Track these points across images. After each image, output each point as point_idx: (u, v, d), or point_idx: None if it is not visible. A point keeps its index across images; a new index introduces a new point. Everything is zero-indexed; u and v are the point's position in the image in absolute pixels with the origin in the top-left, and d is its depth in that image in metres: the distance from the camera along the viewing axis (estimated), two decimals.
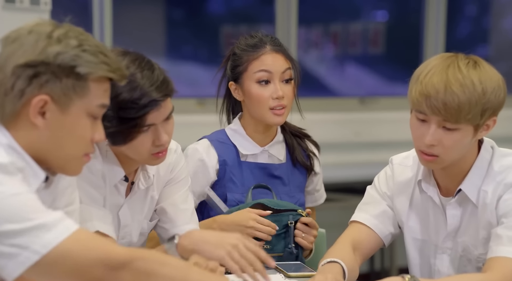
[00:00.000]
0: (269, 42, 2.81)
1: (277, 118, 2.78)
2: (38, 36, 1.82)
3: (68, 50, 1.81)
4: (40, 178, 1.86)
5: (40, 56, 1.80)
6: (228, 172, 2.82)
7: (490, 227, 2.29)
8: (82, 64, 1.81)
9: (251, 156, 2.86)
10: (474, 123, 2.21)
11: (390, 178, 2.49)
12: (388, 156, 2.54)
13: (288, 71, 2.80)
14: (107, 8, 5.12)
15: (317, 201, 3.01)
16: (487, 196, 2.30)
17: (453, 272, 2.39)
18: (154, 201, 2.51)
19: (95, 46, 1.85)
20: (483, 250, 2.31)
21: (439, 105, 2.18)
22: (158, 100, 2.21)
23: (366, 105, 6.03)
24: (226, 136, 2.87)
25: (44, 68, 1.80)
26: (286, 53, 2.82)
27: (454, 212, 2.36)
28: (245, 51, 2.81)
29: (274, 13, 5.77)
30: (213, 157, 2.82)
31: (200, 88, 5.66)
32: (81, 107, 1.84)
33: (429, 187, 2.39)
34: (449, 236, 2.38)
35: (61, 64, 1.80)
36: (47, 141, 1.84)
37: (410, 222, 2.46)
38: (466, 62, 2.22)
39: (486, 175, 2.32)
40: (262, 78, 2.78)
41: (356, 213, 2.51)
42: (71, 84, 1.81)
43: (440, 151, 2.24)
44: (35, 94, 1.80)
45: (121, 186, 2.40)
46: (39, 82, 1.80)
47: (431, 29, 6.22)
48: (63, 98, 1.81)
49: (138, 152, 2.28)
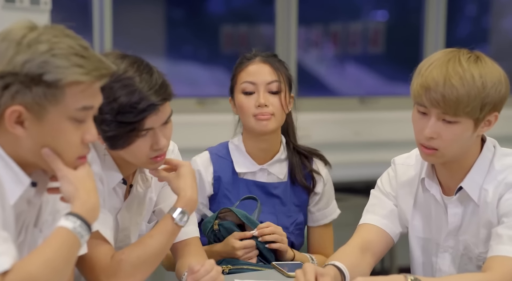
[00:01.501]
0: (260, 54, 2.81)
1: (260, 124, 2.76)
2: (9, 44, 1.77)
3: (36, 57, 1.76)
4: (24, 184, 1.83)
5: (8, 67, 1.76)
6: (223, 188, 2.82)
7: (491, 225, 2.30)
8: (50, 71, 1.75)
9: (249, 174, 2.85)
10: (473, 117, 2.21)
11: (393, 178, 2.49)
12: (388, 155, 2.54)
13: (275, 83, 2.77)
14: (107, 8, 5.11)
15: (318, 221, 2.93)
16: (488, 194, 2.30)
17: (454, 270, 2.39)
18: (152, 203, 2.50)
19: (68, 48, 1.78)
20: (484, 249, 2.31)
21: (438, 97, 2.19)
22: (157, 105, 2.19)
23: (366, 105, 6.03)
24: (227, 151, 2.87)
25: (13, 79, 1.75)
26: (275, 65, 2.79)
27: (456, 210, 2.36)
28: (237, 64, 2.83)
29: (274, 13, 5.77)
30: (209, 171, 2.83)
31: (200, 88, 5.65)
32: (59, 113, 1.78)
33: (431, 185, 2.39)
34: (451, 235, 2.38)
35: (28, 73, 1.75)
36: (33, 149, 1.80)
37: (414, 221, 2.46)
38: (467, 57, 2.24)
39: (488, 174, 2.32)
40: (246, 89, 2.78)
41: (364, 216, 2.50)
42: (41, 92, 1.76)
43: (439, 144, 2.25)
44: (8, 105, 1.76)
45: (120, 189, 2.39)
46: (10, 93, 1.76)
47: (431, 29, 6.22)
48: (36, 107, 1.77)
49: (136, 156, 2.26)
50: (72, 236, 1.79)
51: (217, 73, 5.74)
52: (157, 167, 2.33)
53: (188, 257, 2.43)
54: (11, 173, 1.81)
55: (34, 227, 1.93)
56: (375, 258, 2.44)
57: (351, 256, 2.36)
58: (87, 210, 1.83)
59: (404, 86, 6.66)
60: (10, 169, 1.81)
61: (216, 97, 5.42)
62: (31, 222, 1.92)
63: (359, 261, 2.37)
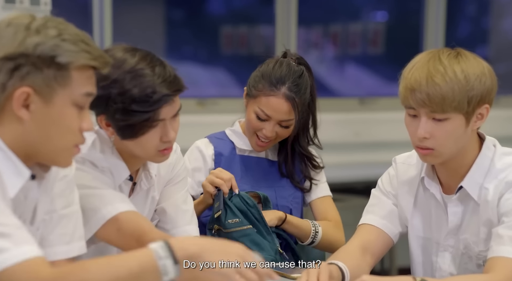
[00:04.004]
0: (288, 84, 2.78)
1: (258, 148, 2.85)
2: (17, 28, 1.80)
3: (47, 40, 1.78)
4: (24, 177, 1.83)
5: (19, 48, 1.78)
6: (224, 164, 2.87)
7: (491, 224, 2.30)
8: (62, 54, 1.79)
9: (248, 151, 2.91)
10: (462, 111, 2.22)
11: (394, 178, 2.49)
12: (388, 156, 2.54)
13: (288, 121, 2.79)
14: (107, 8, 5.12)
15: (317, 194, 2.95)
16: (489, 193, 2.30)
17: (454, 269, 2.39)
18: (154, 202, 2.51)
19: (75, 35, 1.82)
20: (484, 247, 2.31)
21: (423, 97, 2.21)
22: (171, 95, 2.25)
23: (366, 106, 6.03)
24: (224, 135, 2.94)
25: (24, 60, 1.78)
26: (295, 104, 2.76)
27: (456, 209, 2.37)
28: (264, 80, 2.79)
29: (274, 14, 5.77)
30: (210, 148, 2.88)
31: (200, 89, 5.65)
32: (65, 97, 1.81)
33: (431, 184, 2.40)
34: (451, 234, 2.39)
35: (41, 55, 1.78)
36: (35, 134, 1.82)
37: (414, 220, 2.46)
38: (447, 54, 2.26)
39: (488, 172, 2.32)
40: (260, 115, 2.79)
41: (363, 216, 2.51)
42: (52, 74, 1.79)
43: (433, 143, 2.25)
44: (17, 87, 1.78)
45: (125, 186, 2.40)
46: (20, 74, 1.78)
47: (431, 30, 6.23)
48: (46, 89, 1.79)
49: (145, 147, 2.29)
50: (155, 264, 1.74)
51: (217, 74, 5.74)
52: (163, 160, 2.35)
53: None
54: (11, 165, 1.81)
55: (31, 225, 1.93)
56: (374, 258, 2.44)
57: (352, 256, 2.37)
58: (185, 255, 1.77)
59: None
60: (10, 161, 1.81)
61: (216, 98, 5.42)
62: (27, 219, 1.92)
63: (360, 261, 2.37)
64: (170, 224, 2.51)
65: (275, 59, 2.85)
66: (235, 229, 2.70)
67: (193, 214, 2.56)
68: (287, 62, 2.83)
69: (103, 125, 2.30)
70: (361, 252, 2.40)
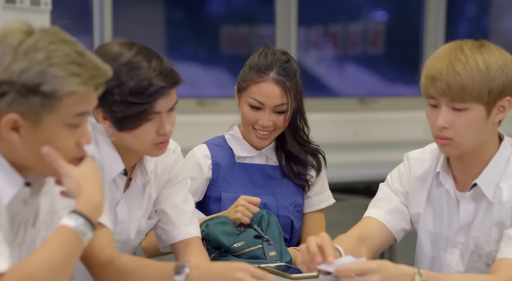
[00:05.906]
0: (276, 69, 2.78)
1: (258, 141, 2.83)
2: (6, 50, 1.76)
3: (33, 66, 1.75)
4: (18, 185, 1.82)
5: (5, 75, 1.75)
6: (222, 172, 2.86)
7: (503, 225, 2.30)
8: (48, 81, 1.75)
9: (248, 158, 2.90)
10: (483, 101, 2.22)
11: (404, 175, 2.49)
12: (388, 156, 2.55)
13: (282, 106, 2.78)
14: (107, 8, 5.12)
15: (314, 205, 2.94)
16: (503, 193, 2.30)
17: (462, 266, 2.39)
18: (151, 200, 2.51)
19: (65, 56, 1.77)
20: (495, 248, 2.31)
21: (443, 86, 2.21)
22: (167, 88, 2.26)
23: (366, 106, 6.03)
24: (223, 141, 2.92)
25: (9, 88, 1.75)
26: (286, 87, 2.77)
27: (468, 207, 2.36)
28: (252, 70, 2.81)
29: (274, 13, 5.77)
30: (207, 157, 2.87)
31: (200, 89, 5.65)
32: (55, 121, 1.79)
33: (446, 179, 2.39)
34: (461, 231, 2.38)
35: (25, 83, 1.75)
36: (27, 153, 1.81)
37: (426, 215, 2.45)
38: (470, 45, 2.28)
39: (504, 172, 2.32)
40: (253, 104, 2.79)
41: (368, 209, 2.52)
42: (38, 102, 1.76)
43: (453, 133, 2.25)
44: (4, 113, 1.76)
45: (120, 180, 2.41)
46: (6, 101, 1.76)
47: (431, 29, 6.22)
48: (32, 115, 1.77)
49: (141, 140, 2.30)
50: (74, 234, 1.79)
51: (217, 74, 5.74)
52: (159, 154, 2.36)
53: (189, 257, 2.43)
54: (4, 174, 1.81)
55: (32, 228, 1.93)
56: (371, 251, 2.44)
57: (348, 244, 2.36)
58: (91, 208, 1.82)
59: (404, 86, 6.67)
60: (3, 169, 1.81)
61: (216, 98, 5.42)
62: (29, 223, 1.92)
63: (354, 251, 2.35)
64: (170, 224, 2.52)
65: (259, 51, 2.85)
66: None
67: (193, 214, 2.55)
68: (272, 50, 2.84)
69: (100, 118, 2.31)
70: (357, 242, 2.40)
